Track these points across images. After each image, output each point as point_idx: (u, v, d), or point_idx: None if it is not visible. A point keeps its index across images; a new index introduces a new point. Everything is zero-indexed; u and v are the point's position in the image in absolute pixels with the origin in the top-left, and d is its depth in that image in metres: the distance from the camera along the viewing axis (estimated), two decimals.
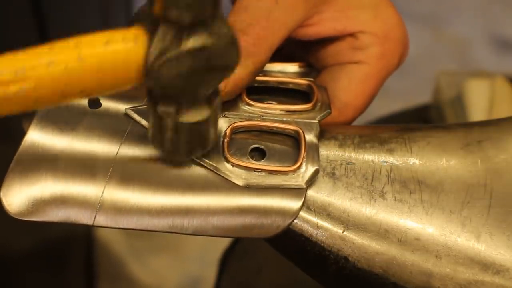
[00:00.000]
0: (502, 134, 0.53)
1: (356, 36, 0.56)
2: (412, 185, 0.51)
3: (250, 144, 0.52)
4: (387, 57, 0.56)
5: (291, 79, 0.56)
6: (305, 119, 0.53)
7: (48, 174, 0.50)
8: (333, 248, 0.50)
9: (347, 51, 0.56)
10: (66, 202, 0.49)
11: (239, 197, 0.50)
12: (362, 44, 0.56)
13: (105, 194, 0.49)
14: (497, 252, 0.50)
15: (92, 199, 0.49)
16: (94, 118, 0.52)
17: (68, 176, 0.50)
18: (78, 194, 0.49)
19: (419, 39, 1.94)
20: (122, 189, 0.50)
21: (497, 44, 1.96)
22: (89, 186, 0.49)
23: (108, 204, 0.49)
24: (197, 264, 1.54)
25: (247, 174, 0.51)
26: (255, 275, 0.83)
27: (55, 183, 0.49)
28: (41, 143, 0.51)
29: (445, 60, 1.93)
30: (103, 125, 0.51)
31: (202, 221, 0.49)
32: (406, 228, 0.50)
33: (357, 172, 0.52)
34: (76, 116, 0.52)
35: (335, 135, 0.53)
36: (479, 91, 0.96)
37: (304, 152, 0.51)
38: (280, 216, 0.50)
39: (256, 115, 0.53)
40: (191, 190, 0.50)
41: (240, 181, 0.50)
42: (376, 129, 0.55)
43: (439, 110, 0.99)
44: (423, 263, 0.50)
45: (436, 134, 0.53)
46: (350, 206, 0.51)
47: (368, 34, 0.56)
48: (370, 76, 0.56)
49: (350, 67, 0.56)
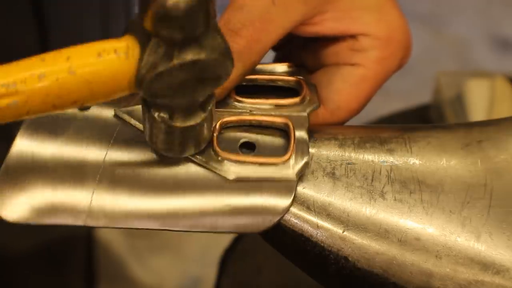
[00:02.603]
0: (502, 134, 0.53)
1: (356, 38, 0.55)
2: (412, 185, 0.51)
3: (240, 138, 0.52)
4: (387, 60, 0.56)
5: (280, 77, 0.56)
6: (294, 113, 0.53)
7: (37, 181, 0.50)
8: (333, 248, 0.50)
9: (345, 52, 0.56)
10: (55, 208, 0.49)
11: (230, 194, 0.50)
12: (362, 47, 0.55)
13: (94, 199, 0.49)
14: (497, 252, 0.50)
15: (81, 205, 0.49)
16: (83, 122, 0.52)
17: (57, 182, 0.50)
18: (68, 200, 0.49)
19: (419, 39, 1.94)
20: (111, 193, 0.50)
21: (497, 44, 1.96)
22: (78, 191, 0.49)
23: (98, 209, 0.49)
24: (197, 264, 1.54)
25: (238, 167, 0.51)
26: (255, 275, 0.83)
27: (44, 190, 0.49)
28: (29, 149, 0.51)
29: (445, 60, 1.93)
30: (92, 128, 0.52)
31: (193, 222, 0.50)
32: (406, 228, 0.50)
33: (357, 172, 0.52)
34: (65, 120, 0.52)
35: (335, 135, 0.53)
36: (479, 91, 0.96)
37: (294, 143, 0.51)
38: (270, 214, 0.50)
39: (245, 110, 0.53)
40: (181, 190, 0.50)
41: (230, 175, 0.50)
42: (376, 129, 0.54)
43: (439, 110, 0.99)
44: (423, 263, 0.50)
45: (436, 134, 0.53)
46: (350, 206, 0.51)
47: (370, 37, 0.55)
48: (366, 80, 0.56)
49: (346, 69, 0.56)
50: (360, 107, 0.56)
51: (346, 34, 0.56)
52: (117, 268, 1.53)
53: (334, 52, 0.56)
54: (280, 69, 0.58)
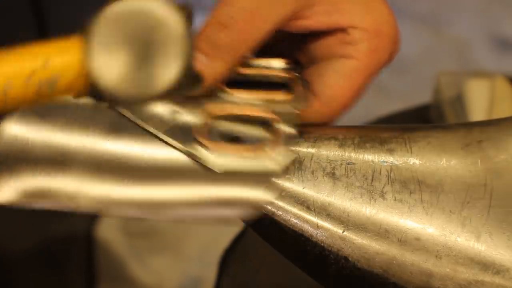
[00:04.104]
0: (502, 134, 0.53)
1: (347, 31, 0.55)
2: (412, 185, 0.51)
3: (226, 131, 0.52)
4: (377, 53, 0.56)
5: (273, 72, 0.56)
6: (283, 109, 0.53)
7: (26, 166, 0.50)
8: (333, 248, 0.50)
9: (336, 45, 0.56)
10: (43, 192, 0.50)
11: (213, 185, 0.50)
12: (353, 39, 0.55)
13: (81, 185, 0.50)
14: (497, 252, 0.50)
15: (68, 190, 0.50)
16: (75, 110, 0.52)
17: (46, 167, 0.51)
18: (55, 185, 0.50)
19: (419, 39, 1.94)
20: (97, 180, 0.50)
21: (497, 44, 1.96)
22: (65, 176, 0.50)
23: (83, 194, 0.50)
24: (197, 264, 1.54)
25: (222, 158, 0.51)
26: (255, 275, 0.83)
27: (32, 174, 0.50)
28: (19, 135, 0.51)
29: (445, 60, 1.93)
30: (84, 117, 0.52)
31: (175, 212, 0.50)
32: (406, 228, 0.50)
33: (357, 172, 0.52)
34: (57, 107, 0.52)
35: (335, 135, 0.53)
36: (479, 91, 0.96)
37: (280, 138, 0.51)
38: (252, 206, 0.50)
39: (233, 103, 0.53)
40: (163, 179, 0.50)
41: (214, 165, 0.50)
42: (376, 129, 0.54)
43: (439, 110, 0.99)
44: (423, 263, 0.50)
45: (436, 134, 0.53)
46: (350, 206, 0.51)
47: (359, 29, 0.55)
48: (358, 71, 0.55)
49: (338, 62, 0.55)
50: (353, 99, 0.56)
51: (335, 27, 0.55)
52: (117, 268, 1.53)
53: (324, 46, 0.56)
54: (276, 65, 0.58)
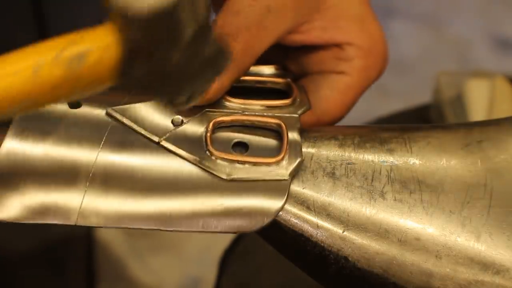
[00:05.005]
0: (502, 134, 0.53)
1: (341, 47, 0.57)
2: (412, 185, 0.51)
3: (233, 138, 0.52)
4: (369, 70, 0.57)
5: (268, 78, 0.57)
6: (285, 114, 0.53)
7: (29, 180, 0.49)
8: (333, 248, 0.50)
9: (331, 60, 0.57)
10: (47, 208, 0.49)
11: (223, 194, 0.50)
12: (347, 56, 0.57)
13: (86, 199, 0.49)
14: (497, 252, 0.50)
15: (73, 204, 0.49)
16: (74, 120, 0.51)
17: (49, 181, 0.49)
18: (59, 200, 0.49)
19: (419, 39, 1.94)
20: (103, 193, 0.50)
21: (497, 44, 1.96)
22: (70, 191, 0.49)
23: (89, 209, 0.49)
24: (197, 264, 1.54)
25: (231, 167, 0.51)
26: (255, 275, 0.83)
27: (35, 189, 0.49)
28: (20, 148, 0.50)
29: (445, 60, 1.93)
30: (83, 127, 0.51)
31: (186, 222, 0.50)
32: (406, 228, 0.50)
33: (357, 172, 0.52)
34: (55, 118, 0.51)
35: (335, 135, 0.53)
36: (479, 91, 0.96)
37: (287, 143, 0.51)
38: (263, 215, 0.50)
39: (237, 110, 0.53)
40: (174, 190, 0.50)
41: (224, 174, 0.50)
42: (376, 129, 0.55)
43: (439, 110, 0.99)
44: (423, 263, 0.50)
45: (436, 134, 0.53)
46: (350, 206, 0.51)
47: (354, 47, 0.57)
48: (351, 88, 0.57)
49: (332, 77, 0.57)
50: (344, 114, 0.58)
51: (331, 43, 0.57)
52: (117, 268, 1.53)
53: (319, 60, 0.57)
54: (267, 71, 0.58)
